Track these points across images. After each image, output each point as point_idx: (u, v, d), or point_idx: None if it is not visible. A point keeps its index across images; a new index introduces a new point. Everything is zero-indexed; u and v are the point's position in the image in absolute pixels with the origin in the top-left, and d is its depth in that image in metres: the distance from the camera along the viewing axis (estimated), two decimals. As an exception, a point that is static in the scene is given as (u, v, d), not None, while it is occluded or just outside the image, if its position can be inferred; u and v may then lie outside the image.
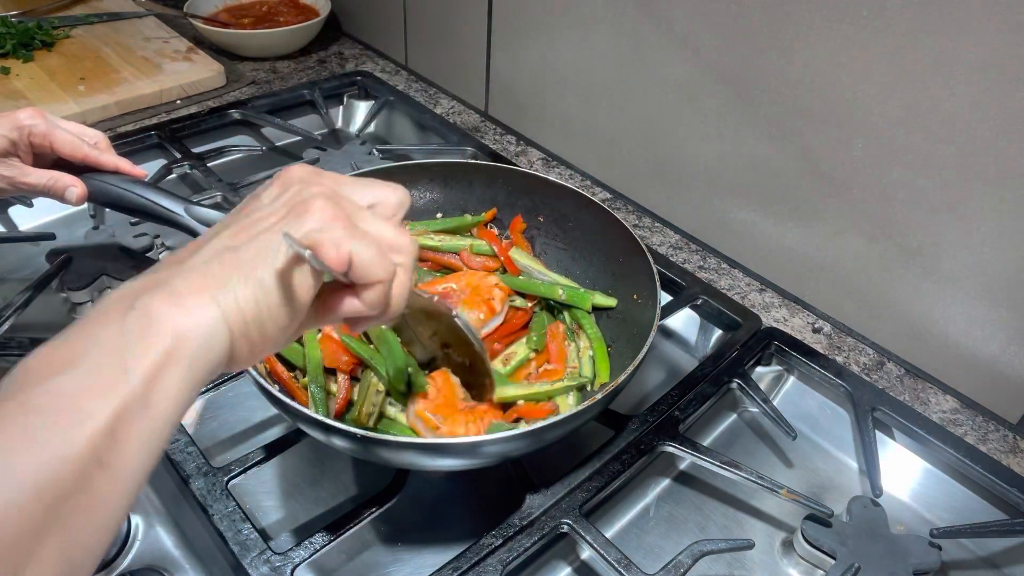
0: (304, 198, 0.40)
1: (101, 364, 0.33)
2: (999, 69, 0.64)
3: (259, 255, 0.38)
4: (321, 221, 0.39)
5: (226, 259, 0.38)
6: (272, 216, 0.40)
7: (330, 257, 0.38)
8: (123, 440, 0.32)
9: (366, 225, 0.41)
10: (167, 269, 0.38)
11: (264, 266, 0.38)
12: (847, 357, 0.84)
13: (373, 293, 0.41)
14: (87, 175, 0.72)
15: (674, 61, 0.89)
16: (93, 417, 0.31)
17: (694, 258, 0.96)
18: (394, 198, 0.45)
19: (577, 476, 0.66)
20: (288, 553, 0.58)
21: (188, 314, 0.36)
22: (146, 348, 0.34)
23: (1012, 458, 0.73)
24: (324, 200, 0.40)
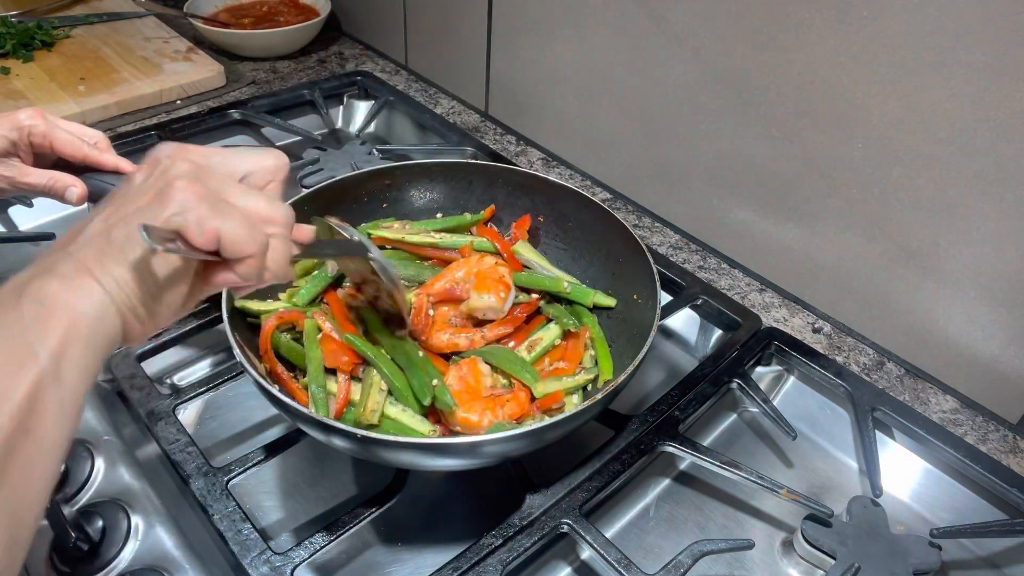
0: (168, 179, 0.41)
1: (7, 348, 0.36)
2: (999, 69, 0.64)
3: (129, 239, 0.40)
4: (183, 203, 0.40)
5: (99, 243, 0.40)
6: (141, 197, 0.41)
7: (194, 238, 0.39)
8: (41, 411, 0.36)
9: (235, 199, 0.42)
10: (51, 256, 0.40)
11: (134, 251, 0.40)
12: (847, 357, 0.84)
13: (245, 267, 0.42)
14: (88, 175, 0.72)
15: (674, 61, 0.89)
16: (14, 391, 0.35)
17: (694, 258, 0.96)
18: (268, 164, 0.47)
19: (577, 476, 0.66)
20: (288, 553, 0.58)
21: (77, 294, 0.38)
22: (47, 328, 0.37)
23: (1012, 458, 0.73)
24: (187, 180, 0.41)
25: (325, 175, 1.03)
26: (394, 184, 0.86)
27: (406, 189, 0.87)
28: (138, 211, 0.41)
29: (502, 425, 0.65)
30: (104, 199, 0.44)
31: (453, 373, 0.67)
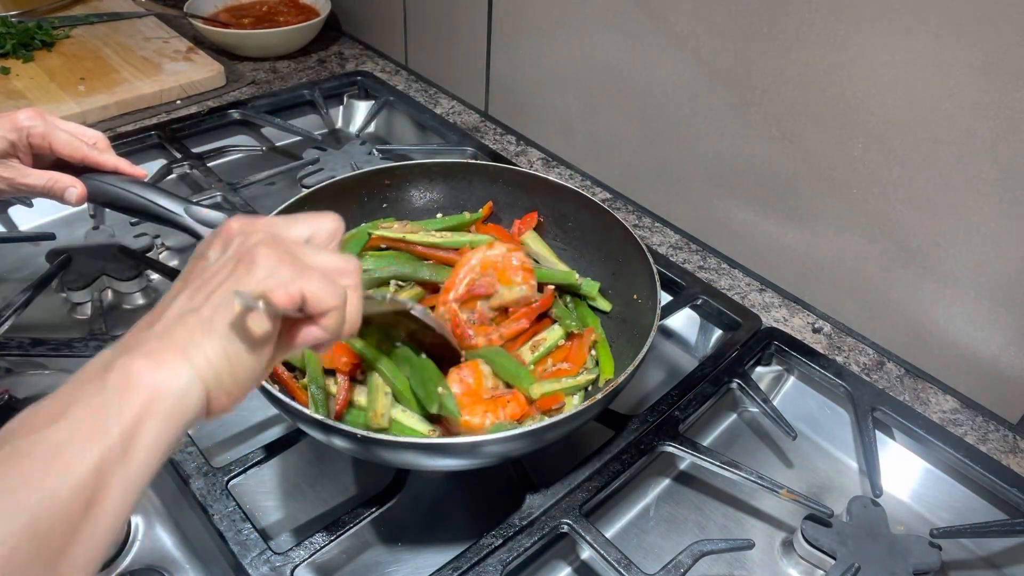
0: (247, 248, 0.43)
1: (85, 418, 0.36)
2: (999, 69, 0.64)
3: (217, 311, 0.41)
4: (267, 268, 0.42)
5: (189, 320, 0.41)
6: (222, 271, 0.43)
7: (282, 300, 0.41)
8: (105, 486, 0.35)
9: (309, 259, 0.44)
10: (138, 335, 0.41)
11: (223, 321, 0.41)
12: (847, 357, 0.84)
13: (330, 319, 0.44)
14: (87, 175, 0.72)
15: (674, 61, 0.89)
16: (80, 464, 0.35)
17: (694, 258, 0.96)
18: (327, 227, 0.48)
19: (577, 476, 0.66)
20: (288, 553, 0.58)
21: (162, 371, 0.38)
22: (125, 404, 0.37)
23: (1012, 458, 0.73)
24: (266, 247, 0.43)
25: (325, 175, 1.03)
26: (394, 184, 0.86)
27: (406, 189, 0.87)
28: (222, 287, 0.42)
29: (503, 425, 0.65)
30: (180, 276, 0.45)
31: (454, 376, 0.67)
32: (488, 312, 0.76)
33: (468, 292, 0.75)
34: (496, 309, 0.76)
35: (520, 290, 0.75)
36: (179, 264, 0.93)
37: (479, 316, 0.75)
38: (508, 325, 0.74)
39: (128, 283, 0.87)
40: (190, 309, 0.41)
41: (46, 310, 0.85)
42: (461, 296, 0.74)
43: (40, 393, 0.37)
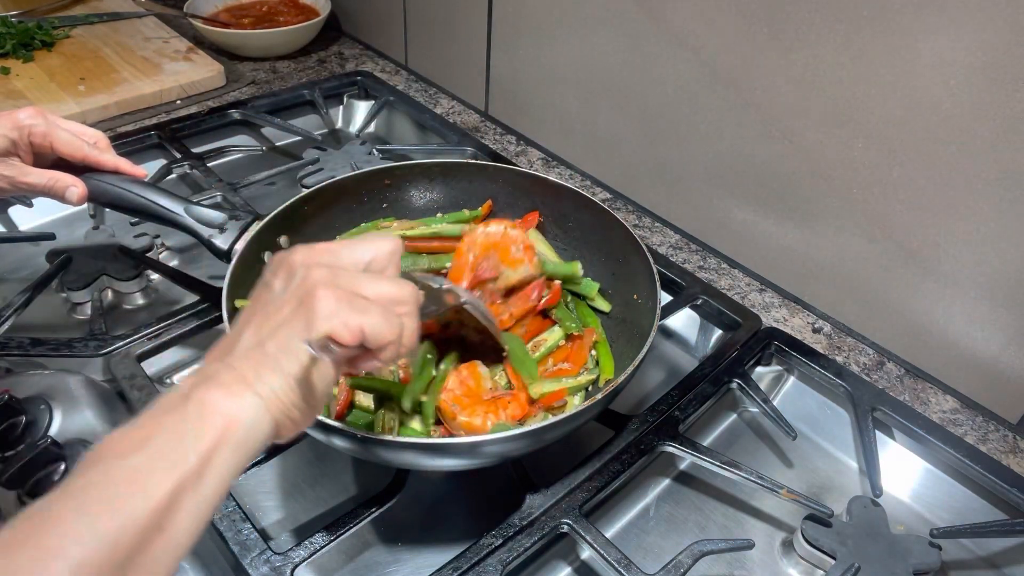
0: (309, 287, 0.44)
1: (166, 446, 0.39)
2: (999, 69, 0.64)
3: (282, 350, 0.43)
4: (328, 308, 0.43)
5: (256, 356, 0.43)
6: (285, 307, 0.45)
7: (345, 339, 0.43)
8: (178, 509, 0.38)
9: (367, 290, 0.46)
10: (212, 366, 0.43)
11: (289, 361, 0.43)
12: (847, 357, 0.84)
13: (387, 352, 0.46)
14: (87, 175, 0.72)
15: (674, 61, 0.89)
16: (158, 489, 0.37)
17: (694, 258, 0.96)
18: (386, 250, 0.49)
19: (577, 476, 0.65)
20: (288, 553, 0.58)
21: (235, 402, 0.41)
22: (202, 432, 0.39)
23: (1012, 458, 0.73)
24: (326, 287, 0.44)
25: (325, 175, 1.03)
26: (394, 184, 0.86)
27: (406, 189, 0.87)
28: (285, 323, 0.44)
29: (503, 425, 0.65)
30: (247, 308, 0.48)
31: (453, 378, 0.67)
32: (497, 294, 0.76)
33: (475, 277, 0.75)
34: (502, 289, 0.76)
35: (524, 268, 0.75)
36: (179, 264, 0.93)
37: (489, 297, 0.75)
38: (517, 304, 0.74)
39: (128, 283, 0.87)
40: (257, 344, 0.44)
41: (46, 310, 0.85)
42: (469, 284, 0.74)
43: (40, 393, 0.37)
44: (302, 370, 0.43)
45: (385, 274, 0.49)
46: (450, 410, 0.65)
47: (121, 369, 0.72)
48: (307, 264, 0.46)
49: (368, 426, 0.66)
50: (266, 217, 0.75)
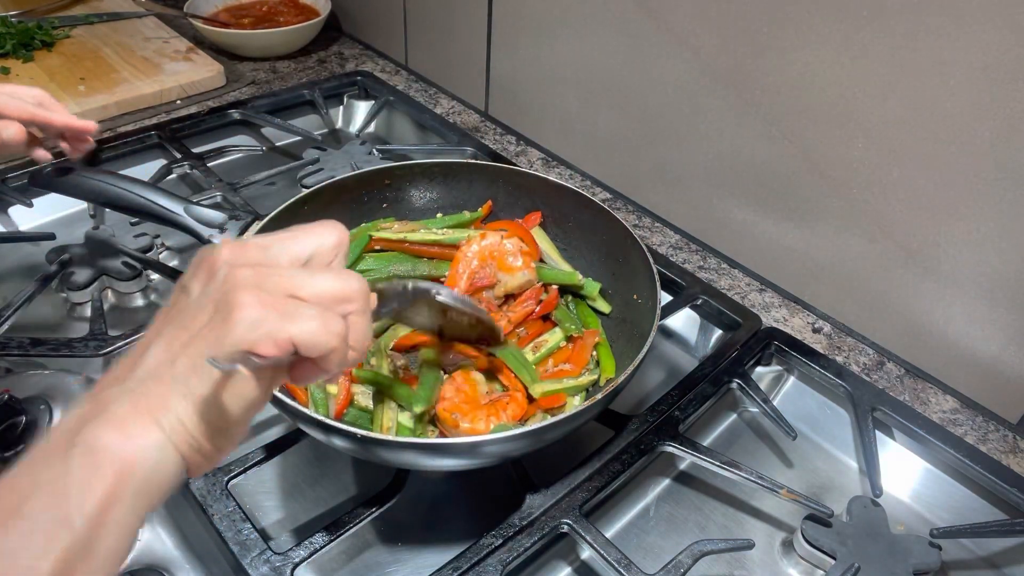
0: (227, 291, 0.37)
1: (44, 513, 0.32)
2: (999, 69, 0.64)
3: (194, 368, 0.36)
4: (249, 317, 0.36)
5: (163, 375, 0.36)
6: (200, 315, 0.37)
7: (269, 351, 0.36)
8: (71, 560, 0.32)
9: (303, 289, 0.38)
10: (109, 390, 0.37)
11: (200, 381, 0.36)
12: (847, 357, 0.84)
13: (330, 361, 0.38)
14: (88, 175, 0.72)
15: (674, 61, 0.89)
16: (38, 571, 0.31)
17: (694, 258, 0.96)
18: (329, 241, 0.43)
19: (577, 476, 0.65)
20: (288, 553, 0.58)
21: (131, 441, 0.35)
22: (89, 488, 0.33)
23: (1012, 458, 0.73)
24: (248, 291, 0.36)
25: (325, 175, 1.03)
26: (394, 184, 0.86)
27: (406, 189, 0.87)
28: (199, 336, 0.37)
29: (503, 426, 0.65)
30: (158, 315, 0.40)
31: (449, 386, 0.68)
32: (494, 300, 0.76)
33: (471, 285, 0.75)
34: (501, 297, 0.76)
35: (522, 275, 0.75)
36: (179, 264, 0.93)
37: (486, 305, 0.75)
38: (515, 309, 0.75)
39: (128, 283, 0.87)
40: (163, 362, 0.37)
41: (46, 310, 0.85)
42: (465, 291, 0.74)
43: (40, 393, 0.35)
44: (214, 392, 0.36)
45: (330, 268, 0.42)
46: (451, 419, 0.65)
47: (121, 369, 0.72)
48: (232, 263, 0.39)
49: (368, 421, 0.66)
50: (266, 217, 0.75)
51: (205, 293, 0.38)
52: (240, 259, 0.39)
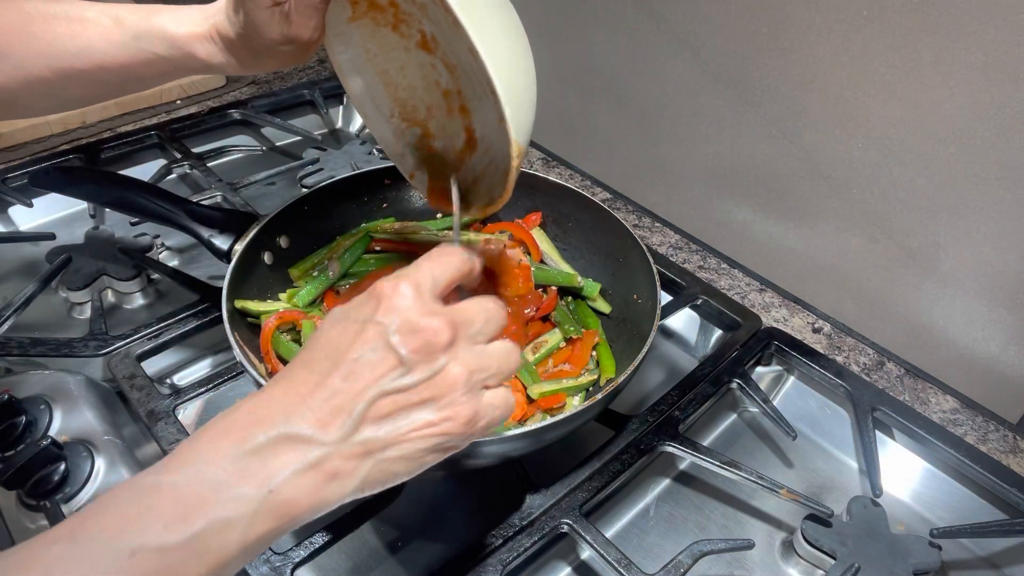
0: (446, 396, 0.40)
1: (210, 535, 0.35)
2: (999, 69, 0.64)
3: (404, 458, 0.40)
4: (453, 437, 0.41)
5: (372, 451, 0.39)
6: (420, 409, 0.40)
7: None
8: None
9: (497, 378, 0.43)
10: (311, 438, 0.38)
11: (403, 468, 0.40)
12: (847, 357, 0.84)
13: None
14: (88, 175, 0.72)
15: (674, 61, 0.89)
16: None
17: (694, 258, 0.96)
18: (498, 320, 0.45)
19: (577, 476, 0.66)
20: (288, 553, 0.58)
21: (317, 502, 0.38)
22: (259, 526, 0.36)
23: (1012, 458, 0.73)
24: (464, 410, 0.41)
25: (325, 175, 1.03)
26: (394, 184, 0.86)
27: (406, 189, 0.87)
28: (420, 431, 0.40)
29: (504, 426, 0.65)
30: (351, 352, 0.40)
31: None
32: None
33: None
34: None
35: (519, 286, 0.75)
36: (179, 264, 0.93)
37: None
38: (513, 314, 0.74)
39: (128, 283, 0.87)
40: (375, 439, 0.39)
41: (46, 310, 0.85)
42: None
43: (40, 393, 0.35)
44: (392, 469, 0.40)
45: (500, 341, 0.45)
46: None
47: (121, 369, 0.72)
48: (452, 348, 0.41)
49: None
50: (266, 217, 0.75)
51: (424, 376, 0.40)
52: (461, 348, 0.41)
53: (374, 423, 0.39)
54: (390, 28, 0.62)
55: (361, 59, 0.63)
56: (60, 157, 0.99)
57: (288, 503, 0.37)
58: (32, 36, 0.58)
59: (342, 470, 0.38)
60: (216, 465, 0.37)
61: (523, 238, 0.83)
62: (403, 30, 0.62)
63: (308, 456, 0.37)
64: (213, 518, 0.35)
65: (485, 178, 0.64)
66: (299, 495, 0.37)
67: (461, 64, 0.62)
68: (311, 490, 0.37)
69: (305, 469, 0.37)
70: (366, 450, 0.39)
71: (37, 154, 1.01)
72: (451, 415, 0.40)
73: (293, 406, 0.39)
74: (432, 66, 0.63)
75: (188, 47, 0.58)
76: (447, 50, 0.61)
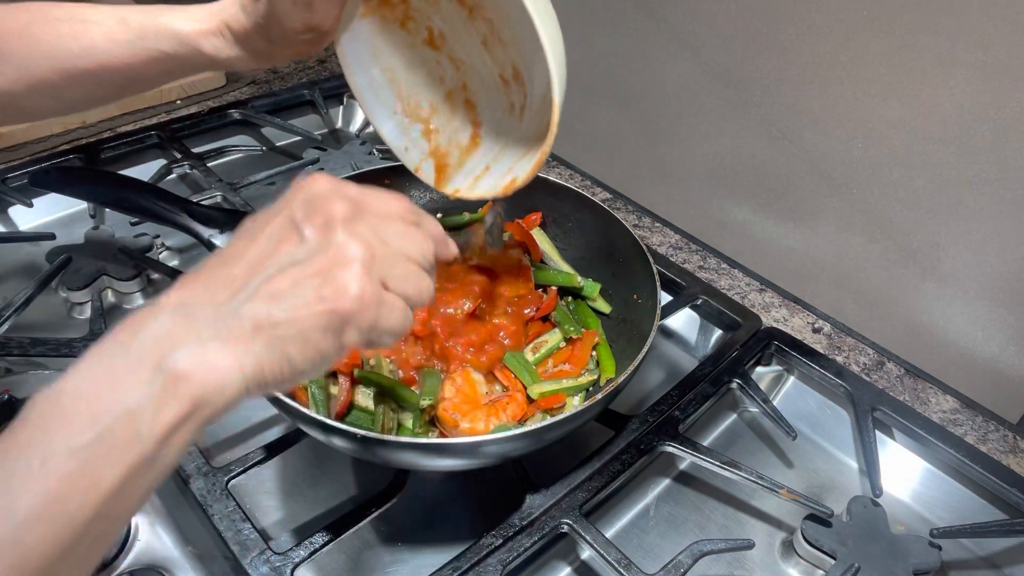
0: (340, 261, 0.40)
1: (117, 428, 0.34)
2: (999, 69, 0.64)
3: (298, 338, 0.39)
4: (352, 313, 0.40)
5: (261, 325, 0.38)
6: (309, 268, 0.39)
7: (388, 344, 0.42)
8: (128, 494, 0.35)
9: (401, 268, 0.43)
10: (202, 307, 0.38)
11: (298, 350, 0.39)
12: (847, 357, 0.84)
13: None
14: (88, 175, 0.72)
15: (674, 61, 0.89)
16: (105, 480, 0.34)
17: (694, 258, 0.96)
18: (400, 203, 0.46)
19: (577, 476, 0.66)
20: (288, 553, 0.58)
21: (212, 375, 0.36)
22: (164, 411, 0.35)
23: (1012, 458, 0.73)
24: (360, 278, 0.40)
25: (325, 175, 1.03)
26: (394, 184, 0.86)
27: (406, 189, 0.87)
28: (314, 307, 0.39)
29: (504, 426, 0.65)
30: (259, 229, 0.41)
31: (449, 386, 0.68)
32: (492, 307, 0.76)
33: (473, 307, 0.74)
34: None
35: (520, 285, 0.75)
36: (179, 264, 0.93)
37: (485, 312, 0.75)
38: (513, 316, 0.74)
39: (128, 283, 0.87)
40: (265, 299, 0.38)
41: (46, 310, 0.85)
42: (468, 312, 0.74)
43: None
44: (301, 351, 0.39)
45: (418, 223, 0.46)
46: (451, 418, 0.65)
47: (121, 369, 0.72)
48: (349, 220, 0.41)
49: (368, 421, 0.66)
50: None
51: (320, 249, 0.40)
52: (359, 223, 0.41)
53: (267, 299, 0.38)
54: (398, 25, 0.64)
55: (367, 55, 0.64)
56: (60, 157, 0.99)
57: (185, 380, 0.36)
58: (34, 38, 0.58)
59: (233, 343, 0.37)
60: (113, 357, 0.36)
61: (523, 238, 0.83)
62: (411, 27, 0.64)
63: (197, 330, 0.37)
64: (116, 410, 0.34)
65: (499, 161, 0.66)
66: (194, 370, 0.36)
67: (469, 59, 0.65)
68: (206, 365, 0.36)
69: (194, 343, 0.36)
70: (255, 324, 0.38)
71: (37, 154, 1.01)
72: (340, 288, 0.39)
73: (192, 288, 0.39)
74: (437, 62, 0.66)
75: (194, 43, 0.59)
76: (455, 46, 0.64)
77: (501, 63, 0.65)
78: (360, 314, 0.40)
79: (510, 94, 0.65)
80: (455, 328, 0.71)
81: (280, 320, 0.38)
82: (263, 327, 0.38)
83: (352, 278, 0.40)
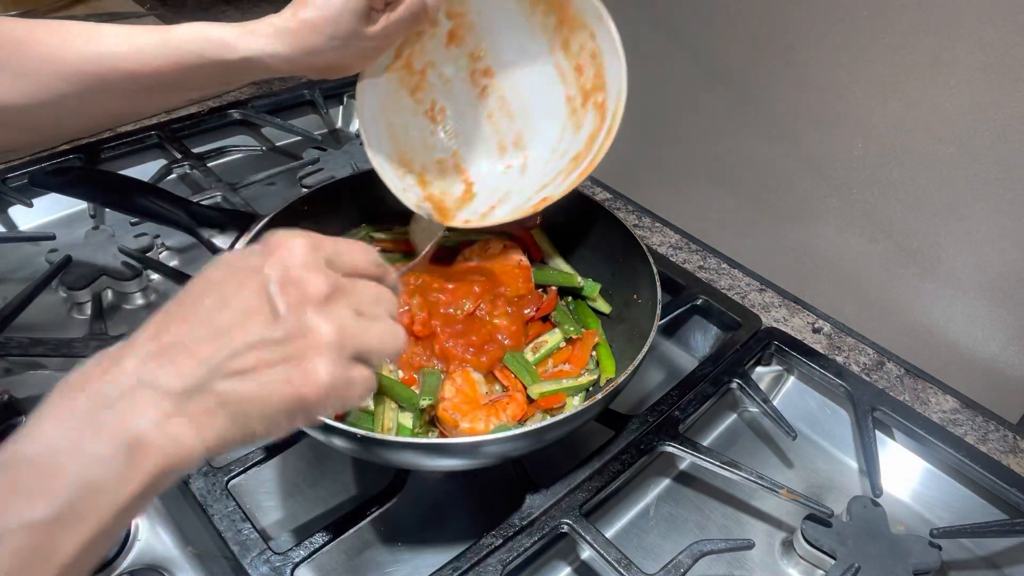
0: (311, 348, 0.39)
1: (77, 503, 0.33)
2: (999, 69, 0.64)
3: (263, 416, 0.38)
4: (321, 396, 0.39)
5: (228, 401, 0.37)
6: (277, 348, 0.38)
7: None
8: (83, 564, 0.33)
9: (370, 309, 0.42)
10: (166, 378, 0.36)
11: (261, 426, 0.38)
12: (847, 357, 0.84)
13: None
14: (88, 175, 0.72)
15: (674, 61, 0.89)
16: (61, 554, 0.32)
17: (694, 258, 0.96)
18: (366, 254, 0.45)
19: (577, 476, 0.66)
20: (288, 553, 0.58)
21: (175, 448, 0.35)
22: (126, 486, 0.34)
23: (1012, 458, 0.73)
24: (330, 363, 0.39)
25: (325, 175, 1.03)
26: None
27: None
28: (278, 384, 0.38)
29: (504, 426, 0.65)
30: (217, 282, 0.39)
31: (449, 386, 0.68)
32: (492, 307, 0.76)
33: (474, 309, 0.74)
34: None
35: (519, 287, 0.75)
36: (179, 264, 0.93)
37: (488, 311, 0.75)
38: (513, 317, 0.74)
39: (128, 283, 0.87)
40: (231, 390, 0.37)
41: (46, 310, 0.85)
42: (469, 312, 0.74)
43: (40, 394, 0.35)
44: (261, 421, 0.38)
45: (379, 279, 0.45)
46: (451, 418, 0.65)
47: (121, 369, 0.72)
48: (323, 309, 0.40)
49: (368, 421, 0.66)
50: (266, 217, 0.74)
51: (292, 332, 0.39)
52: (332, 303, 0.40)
53: (234, 376, 0.37)
54: (408, 91, 0.72)
55: (377, 104, 0.71)
56: (60, 157, 0.99)
57: (149, 455, 0.34)
58: (36, 41, 0.54)
59: (198, 417, 0.36)
60: (70, 426, 0.34)
61: (523, 238, 0.83)
62: (419, 96, 0.73)
63: (160, 401, 0.35)
64: (77, 483, 0.33)
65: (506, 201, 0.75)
66: (159, 445, 0.35)
67: (465, 132, 0.75)
68: (170, 438, 0.35)
69: (159, 416, 0.35)
70: (221, 401, 0.37)
71: (37, 154, 1.01)
72: (309, 375, 0.38)
73: (153, 354, 0.37)
74: (432, 132, 0.75)
75: (235, 41, 0.57)
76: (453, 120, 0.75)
77: (503, 133, 0.75)
78: (327, 398, 0.39)
79: (506, 158, 0.75)
80: (455, 328, 0.71)
81: (247, 399, 0.38)
82: (229, 403, 0.37)
83: (322, 365, 0.39)
